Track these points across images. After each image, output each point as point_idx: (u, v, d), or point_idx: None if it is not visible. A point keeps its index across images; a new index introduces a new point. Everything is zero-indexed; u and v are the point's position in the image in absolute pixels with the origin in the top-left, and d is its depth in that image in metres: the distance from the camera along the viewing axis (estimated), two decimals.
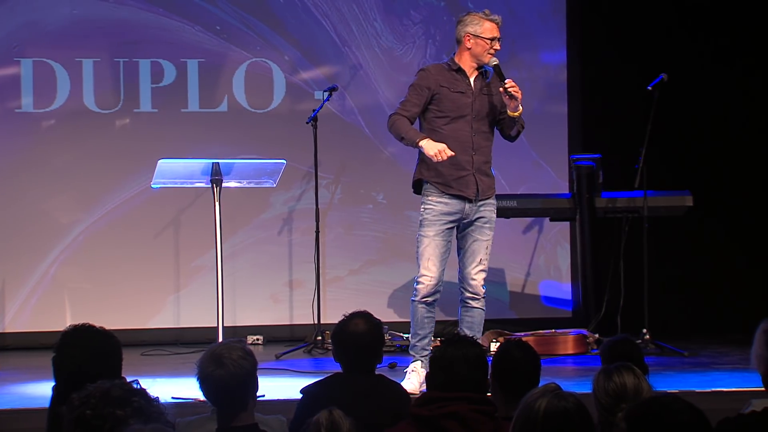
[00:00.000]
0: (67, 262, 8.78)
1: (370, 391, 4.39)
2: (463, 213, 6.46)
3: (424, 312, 6.45)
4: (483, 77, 6.55)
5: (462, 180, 6.44)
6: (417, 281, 6.45)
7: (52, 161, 8.80)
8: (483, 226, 6.50)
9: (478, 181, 6.46)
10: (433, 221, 6.43)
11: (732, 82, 9.21)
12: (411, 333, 6.50)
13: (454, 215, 6.45)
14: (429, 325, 6.47)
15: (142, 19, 8.86)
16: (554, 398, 3.01)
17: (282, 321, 8.94)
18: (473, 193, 6.45)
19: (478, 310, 6.50)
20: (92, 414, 3.00)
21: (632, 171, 7.91)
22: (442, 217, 6.43)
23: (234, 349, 3.87)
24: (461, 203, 6.44)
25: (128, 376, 3.42)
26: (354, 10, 9.11)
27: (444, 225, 6.43)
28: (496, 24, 6.54)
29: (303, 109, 8.80)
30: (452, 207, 6.44)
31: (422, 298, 6.43)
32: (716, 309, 9.02)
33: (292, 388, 5.18)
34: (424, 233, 6.44)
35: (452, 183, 6.44)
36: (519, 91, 6.39)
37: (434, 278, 6.40)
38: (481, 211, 6.49)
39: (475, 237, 6.49)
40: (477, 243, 6.49)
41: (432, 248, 6.41)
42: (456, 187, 6.43)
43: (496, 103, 6.50)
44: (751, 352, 3.56)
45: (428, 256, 6.41)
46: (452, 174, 6.43)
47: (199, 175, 6.62)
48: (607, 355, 4.67)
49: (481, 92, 6.50)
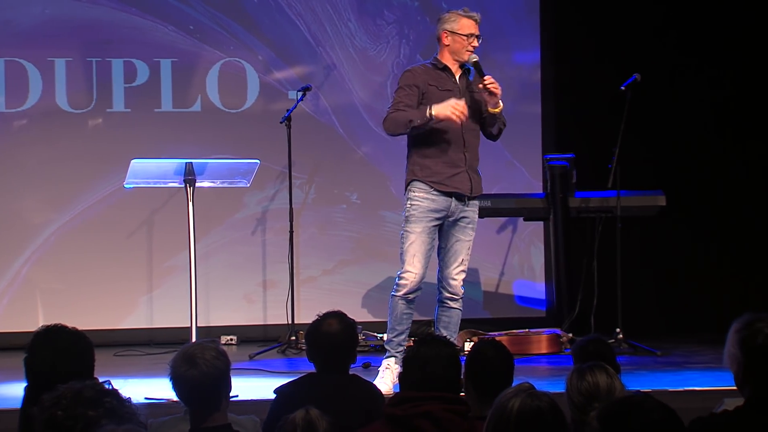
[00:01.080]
0: (39, 262, 8.75)
1: (344, 391, 4.39)
2: (449, 211, 6.44)
3: (404, 308, 6.43)
4: (466, 75, 6.56)
5: (457, 177, 6.42)
6: (400, 277, 6.40)
7: (24, 161, 8.75)
8: (466, 227, 6.50)
9: (471, 179, 6.47)
10: (420, 218, 6.40)
11: (705, 83, 9.25)
12: (388, 328, 6.47)
13: (440, 213, 6.43)
14: (407, 321, 6.45)
15: (114, 19, 8.83)
16: (528, 398, 3.02)
17: (256, 321, 8.93)
18: (468, 189, 6.44)
19: (455, 310, 6.50)
20: (64, 415, 2.98)
21: (605, 171, 7.93)
22: (429, 213, 6.41)
23: (207, 349, 3.86)
24: (448, 201, 6.43)
25: (100, 377, 3.41)
26: (328, 10, 9.10)
27: (430, 222, 6.41)
28: (473, 21, 6.54)
29: (277, 109, 8.79)
30: (439, 204, 6.42)
31: (404, 294, 6.40)
32: (689, 308, 9.06)
33: (266, 388, 5.17)
34: (410, 229, 6.40)
35: (447, 181, 6.41)
36: (498, 87, 6.39)
37: (418, 275, 6.37)
38: (466, 211, 6.50)
39: (458, 237, 6.48)
40: (459, 243, 6.48)
41: (418, 245, 6.38)
42: (451, 185, 6.40)
43: (480, 100, 6.50)
44: (724, 351, 3.57)
45: (414, 253, 6.37)
46: (446, 172, 6.41)
47: (172, 175, 6.60)
48: (579, 354, 4.68)
49: (467, 90, 6.51)
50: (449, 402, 3.90)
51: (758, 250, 9.32)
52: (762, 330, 3.47)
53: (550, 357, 7.84)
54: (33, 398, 3.72)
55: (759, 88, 9.31)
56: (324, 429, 3.45)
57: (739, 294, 8.97)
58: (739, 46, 9.30)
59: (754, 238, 9.33)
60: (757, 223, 9.34)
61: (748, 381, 3.49)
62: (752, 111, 9.32)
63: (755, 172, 9.35)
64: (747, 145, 9.33)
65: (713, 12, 9.25)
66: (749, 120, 9.33)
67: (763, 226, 9.35)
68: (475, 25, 6.53)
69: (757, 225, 9.34)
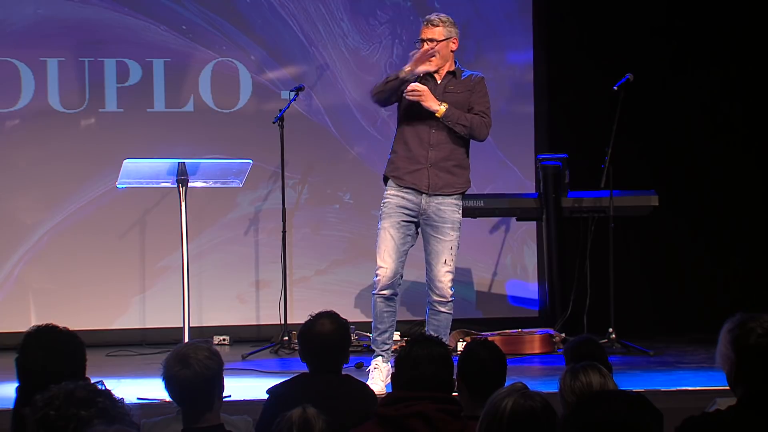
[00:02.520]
0: (31, 262, 8.73)
1: (337, 392, 4.39)
2: (420, 207, 6.51)
3: (383, 306, 6.50)
4: (453, 76, 6.59)
5: (416, 173, 6.51)
6: (375, 273, 6.52)
7: (17, 161, 8.74)
8: (443, 226, 6.52)
9: (431, 176, 6.50)
10: (390, 213, 6.50)
11: (697, 83, 9.26)
12: (372, 327, 6.55)
13: (412, 209, 6.51)
14: (389, 319, 6.52)
15: (107, 19, 8.82)
16: (521, 398, 3.02)
17: (248, 321, 8.92)
18: (426, 186, 6.50)
19: (443, 314, 6.52)
20: (56, 415, 2.98)
21: (598, 171, 7.93)
22: (399, 209, 6.50)
23: (200, 349, 3.86)
24: (417, 196, 6.51)
25: (93, 377, 3.41)
26: (321, 10, 9.10)
27: (400, 217, 6.50)
28: (424, 25, 6.61)
29: (269, 109, 8.78)
30: (409, 200, 6.51)
31: (379, 290, 6.48)
32: (681, 308, 9.07)
33: (259, 389, 5.16)
34: (381, 225, 6.54)
35: (406, 176, 6.52)
36: (416, 95, 6.41)
37: (390, 270, 6.46)
38: (441, 210, 6.51)
39: (437, 237, 6.51)
40: (440, 244, 6.50)
41: (387, 240, 6.48)
42: (410, 180, 6.51)
43: (461, 101, 6.53)
44: (716, 351, 3.57)
45: (384, 248, 6.49)
46: (407, 167, 6.53)
47: (165, 175, 6.60)
48: (570, 355, 4.68)
49: (445, 90, 6.53)
50: (442, 402, 3.90)
51: (751, 250, 9.33)
52: (754, 330, 3.47)
53: (543, 357, 7.85)
54: (24, 398, 3.72)
55: (752, 88, 9.32)
56: (320, 428, 3.45)
57: (732, 294, 8.97)
58: (732, 46, 9.31)
59: (746, 238, 9.34)
60: (750, 223, 9.36)
61: (741, 381, 3.49)
62: (745, 111, 9.33)
63: (748, 173, 9.36)
64: (740, 145, 9.34)
65: (707, 12, 9.26)
66: (742, 120, 9.34)
67: (755, 226, 9.36)
68: (426, 29, 6.58)
69: (750, 225, 9.35)
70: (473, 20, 9.10)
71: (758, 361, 3.46)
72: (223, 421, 3.91)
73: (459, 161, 6.58)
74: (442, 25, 6.55)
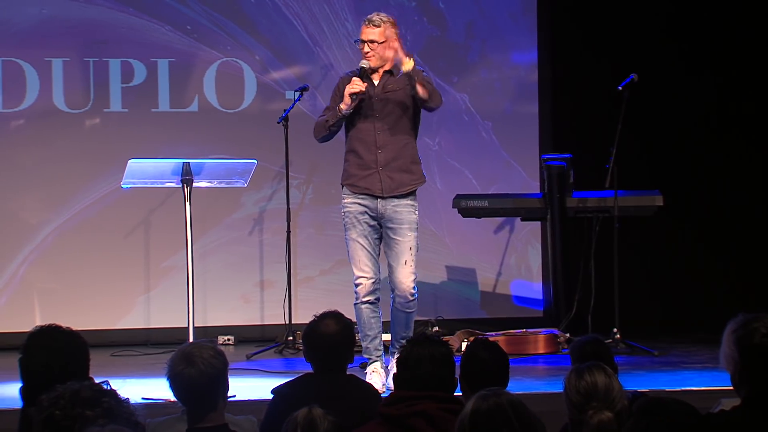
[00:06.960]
0: (36, 262, 8.74)
1: (341, 392, 4.39)
2: (377, 211, 6.56)
3: (369, 313, 6.59)
4: (390, 74, 6.61)
5: (368, 178, 6.58)
6: (354, 284, 6.59)
7: (22, 161, 8.75)
8: (401, 228, 6.57)
9: (383, 179, 6.55)
10: (353, 223, 6.58)
11: (702, 83, 9.25)
12: (361, 336, 6.59)
13: (371, 213, 6.57)
14: (376, 325, 6.62)
15: (112, 19, 8.82)
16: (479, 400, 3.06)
17: (253, 321, 8.93)
18: (379, 189, 6.56)
19: (407, 312, 6.60)
20: (61, 414, 2.98)
21: (603, 171, 7.93)
22: (359, 216, 6.58)
23: (205, 348, 3.86)
24: (373, 201, 6.57)
25: (98, 377, 3.40)
26: (325, 10, 9.10)
27: (364, 223, 6.57)
28: (364, 25, 6.63)
29: (274, 109, 8.79)
30: (365, 206, 6.58)
31: (364, 298, 6.56)
32: (686, 308, 9.06)
33: (263, 389, 5.17)
34: (348, 236, 6.61)
35: (359, 182, 6.59)
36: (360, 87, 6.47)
37: (370, 277, 6.55)
38: (397, 212, 6.56)
39: (395, 239, 6.58)
40: (399, 245, 6.57)
41: (359, 250, 6.55)
42: (363, 185, 6.57)
43: (402, 98, 6.56)
44: (720, 351, 3.58)
45: (358, 258, 6.56)
46: (359, 174, 6.60)
47: (169, 175, 6.60)
48: (576, 355, 4.68)
49: (383, 90, 6.56)
50: (444, 401, 3.91)
51: (756, 250, 9.32)
52: (758, 330, 3.48)
53: (548, 357, 7.85)
54: (29, 399, 3.72)
55: (757, 88, 9.31)
56: (325, 428, 3.45)
57: (737, 294, 8.97)
58: (737, 46, 9.31)
59: (752, 238, 9.33)
60: (756, 223, 9.35)
61: (745, 381, 3.49)
62: (750, 111, 9.32)
63: (753, 173, 9.35)
64: (745, 145, 9.33)
65: (711, 12, 9.25)
66: (747, 120, 9.33)
67: (761, 227, 9.36)
68: (365, 29, 6.60)
69: (755, 225, 9.34)
70: (478, 20, 9.10)
71: (762, 361, 3.46)
72: (227, 421, 3.90)
73: (409, 157, 6.63)
74: (383, 26, 6.59)
